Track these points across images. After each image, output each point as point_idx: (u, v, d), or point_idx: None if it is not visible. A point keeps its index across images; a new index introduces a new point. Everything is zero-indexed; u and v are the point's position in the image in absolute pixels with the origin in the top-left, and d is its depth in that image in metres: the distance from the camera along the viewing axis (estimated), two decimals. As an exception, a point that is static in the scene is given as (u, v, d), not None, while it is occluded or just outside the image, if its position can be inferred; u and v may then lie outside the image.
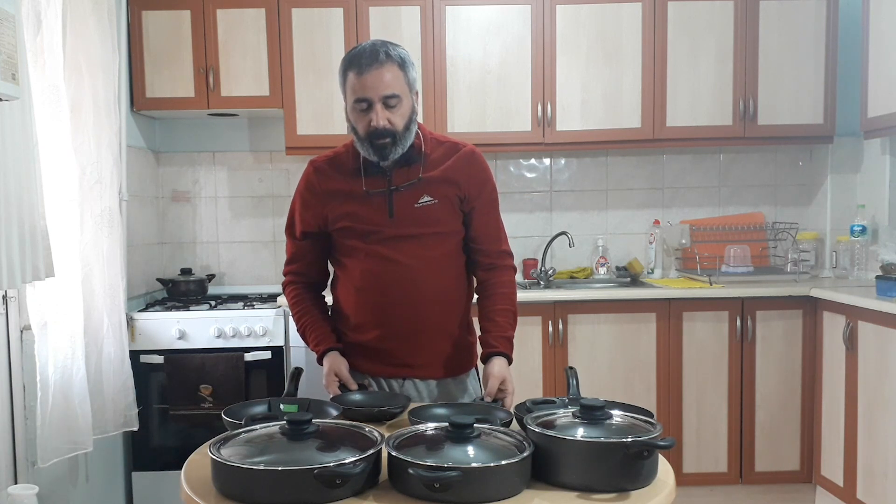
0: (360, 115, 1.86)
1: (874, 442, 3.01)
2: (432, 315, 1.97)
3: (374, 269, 1.95)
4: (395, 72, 1.84)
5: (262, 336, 3.31)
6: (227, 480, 1.29)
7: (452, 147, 2.00)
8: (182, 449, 2.75)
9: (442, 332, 2.01)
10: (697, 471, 3.43)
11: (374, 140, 1.85)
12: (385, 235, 1.93)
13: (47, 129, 2.52)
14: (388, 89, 1.83)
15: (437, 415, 1.68)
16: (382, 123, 1.83)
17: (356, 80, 1.84)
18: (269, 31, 3.52)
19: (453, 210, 1.97)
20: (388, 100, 1.83)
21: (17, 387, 2.54)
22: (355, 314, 2.01)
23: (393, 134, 1.85)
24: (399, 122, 1.86)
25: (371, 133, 1.85)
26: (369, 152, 1.88)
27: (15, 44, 1.98)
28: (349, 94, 1.87)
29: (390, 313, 1.96)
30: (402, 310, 1.95)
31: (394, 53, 1.86)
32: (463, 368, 2.07)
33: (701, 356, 3.40)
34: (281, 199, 3.95)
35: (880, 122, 3.32)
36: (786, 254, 3.83)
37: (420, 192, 1.93)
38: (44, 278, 2.35)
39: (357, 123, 1.88)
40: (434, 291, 1.97)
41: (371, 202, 1.94)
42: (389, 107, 1.84)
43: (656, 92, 3.59)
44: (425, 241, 1.94)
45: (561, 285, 3.76)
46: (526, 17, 3.56)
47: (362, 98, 1.84)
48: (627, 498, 1.31)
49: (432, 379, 2.03)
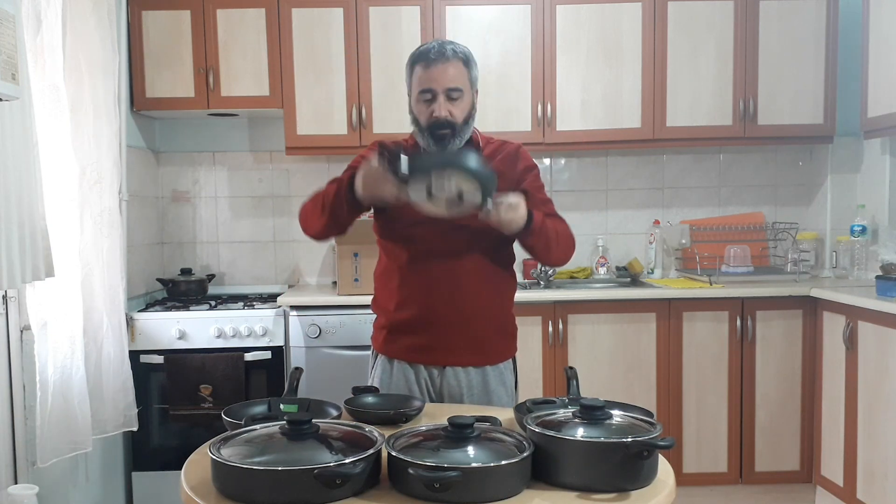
0: (423, 105, 1.96)
1: (874, 442, 3.01)
2: (479, 302, 2.02)
3: (420, 251, 2.01)
4: (459, 67, 1.96)
5: (262, 336, 3.31)
6: (227, 480, 1.29)
7: (502, 144, 2.11)
8: (182, 449, 2.75)
9: (487, 321, 2.06)
10: (697, 471, 3.43)
11: (434, 131, 1.95)
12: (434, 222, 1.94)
13: (47, 129, 2.52)
14: (451, 82, 1.94)
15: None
16: (444, 114, 1.94)
17: (423, 73, 1.95)
18: (269, 31, 3.52)
19: None
20: (451, 92, 1.94)
21: (17, 387, 2.54)
22: (399, 294, 2.05)
23: (453, 125, 1.95)
24: (459, 114, 1.96)
25: (433, 124, 1.95)
26: (429, 143, 1.97)
27: (15, 44, 1.99)
28: (415, 86, 1.98)
29: (434, 298, 2.01)
30: (444, 296, 2.00)
31: (459, 51, 1.98)
32: (502, 357, 2.11)
33: (701, 356, 3.40)
34: (281, 199, 3.95)
35: (880, 122, 3.32)
36: (786, 254, 3.83)
37: None
38: (44, 278, 2.36)
39: (420, 114, 1.98)
40: (481, 279, 2.02)
41: None
42: (452, 99, 1.95)
43: (656, 92, 3.59)
44: (473, 229, 1.97)
45: (561, 285, 3.76)
46: (526, 17, 3.56)
47: (427, 89, 1.95)
48: (627, 498, 1.31)
49: (472, 367, 2.05)
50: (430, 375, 2.06)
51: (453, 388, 2.04)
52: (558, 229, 2.06)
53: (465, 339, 2.03)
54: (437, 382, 2.06)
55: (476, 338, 2.05)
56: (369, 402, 1.85)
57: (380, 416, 1.73)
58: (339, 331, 3.28)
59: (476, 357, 2.05)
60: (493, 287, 2.07)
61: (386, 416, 1.74)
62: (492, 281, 2.06)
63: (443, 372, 2.05)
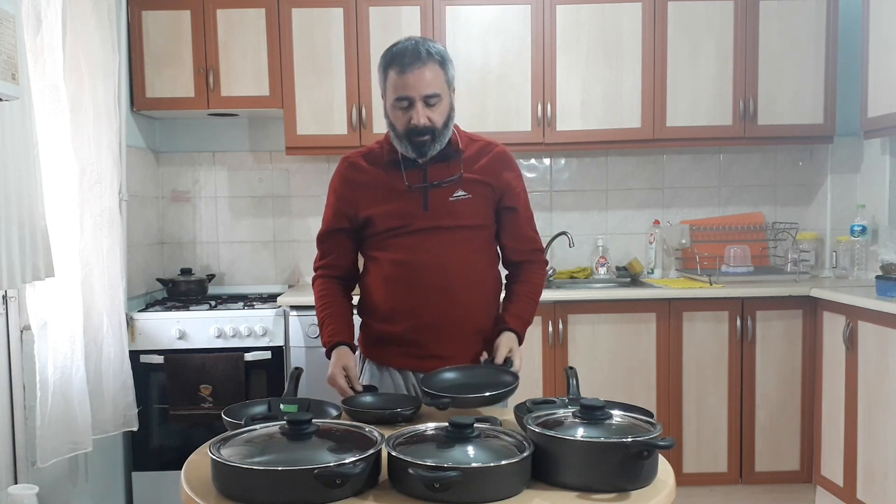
0: (400, 112, 1.89)
1: (874, 442, 3.01)
2: (462, 307, 1.99)
3: (405, 259, 1.97)
4: (435, 70, 1.87)
5: (262, 336, 3.31)
6: (227, 480, 1.29)
7: (486, 146, 2.04)
8: (182, 449, 2.75)
9: (471, 324, 2.02)
10: (697, 471, 3.43)
11: (413, 137, 1.89)
12: (418, 227, 1.95)
13: (47, 129, 2.52)
14: (429, 88, 1.86)
15: (447, 379, 1.78)
16: (423, 122, 1.87)
17: (398, 79, 1.87)
18: (269, 31, 3.52)
19: (487, 206, 2.00)
20: (428, 98, 1.87)
21: (17, 387, 2.54)
22: (385, 304, 2.02)
23: (432, 131, 1.89)
24: (438, 119, 1.90)
25: (411, 130, 1.88)
26: (407, 149, 1.92)
27: (15, 44, 1.98)
28: (390, 92, 1.90)
29: (420, 303, 1.97)
30: (431, 301, 1.97)
31: (434, 51, 1.89)
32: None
33: (701, 356, 3.40)
34: (281, 199, 3.95)
35: (880, 122, 3.32)
36: (786, 254, 3.83)
37: (456, 186, 1.96)
38: (44, 278, 2.35)
39: (396, 121, 1.91)
40: (464, 283, 1.98)
41: (406, 195, 1.96)
42: (430, 105, 1.87)
43: (656, 92, 3.59)
44: (457, 233, 1.96)
45: (561, 285, 3.76)
46: (526, 17, 3.56)
47: (404, 97, 1.87)
48: (627, 498, 1.31)
49: None
50: (417, 381, 2.02)
51: None
52: (535, 295, 2.11)
53: (450, 346, 2.00)
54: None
55: (463, 344, 2.02)
56: (366, 401, 1.85)
57: (376, 415, 1.73)
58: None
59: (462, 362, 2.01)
60: (478, 292, 2.03)
61: (382, 415, 1.74)
62: (476, 286, 2.02)
63: None
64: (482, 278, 2.04)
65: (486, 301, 2.06)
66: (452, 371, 1.82)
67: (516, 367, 1.90)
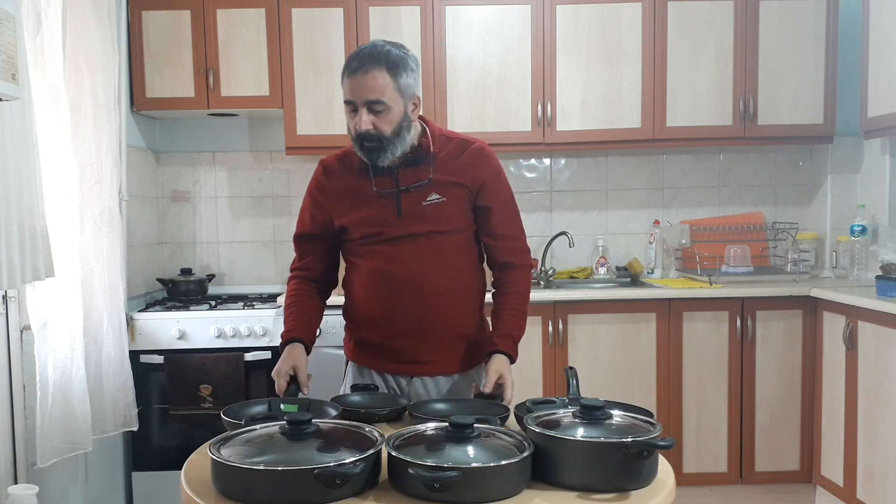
0: (349, 116, 1.87)
1: (874, 442, 3.01)
2: (441, 313, 1.96)
3: (381, 267, 1.95)
4: (384, 77, 1.80)
5: (262, 336, 3.31)
6: (227, 480, 1.29)
7: (462, 144, 1.98)
8: (182, 449, 2.74)
9: (451, 330, 1.99)
10: (697, 471, 3.43)
11: (362, 143, 1.85)
12: (393, 234, 1.93)
13: (47, 129, 2.52)
14: (371, 94, 1.80)
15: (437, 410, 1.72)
16: (365, 128, 1.82)
17: (346, 82, 1.84)
18: (269, 31, 3.52)
19: (462, 207, 1.96)
20: (372, 105, 1.81)
21: (17, 387, 2.54)
22: (362, 311, 2.01)
23: (379, 138, 1.84)
24: (386, 127, 1.83)
25: (359, 135, 1.85)
26: (360, 153, 1.89)
27: (15, 44, 1.98)
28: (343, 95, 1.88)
29: (398, 311, 1.95)
30: (409, 308, 1.94)
31: (390, 57, 1.82)
32: (473, 364, 2.05)
33: (701, 356, 3.40)
34: (281, 199, 3.95)
35: (880, 122, 3.32)
36: (786, 254, 3.83)
37: (428, 190, 1.93)
38: (44, 278, 2.35)
39: (348, 125, 1.89)
40: (442, 289, 1.95)
41: (379, 201, 1.94)
42: (375, 112, 1.82)
43: (656, 92, 3.59)
44: (434, 238, 1.94)
45: (561, 285, 3.76)
46: (526, 17, 3.56)
47: (349, 100, 1.85)
48: (627, 498, 1.31)
49: (441, 375, 2.02)
50: (397, 384, 2.03)
51: (422, 396, 1.99)
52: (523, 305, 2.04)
53: (431, 352, 1.98)
54: (406, 391, 2.02)
55: (442, 349, 1.99)
56: (356, 400, 1.86)
57: (362, 415, 1.72)
58: (339, 331, 3.22)
59: (444, 367, 2.01)
60: (458, 298, 1.99)
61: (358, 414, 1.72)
62: (455, 291, 1.98)
63: (410, 381, 2.02)
64: (462, 283, 2.00)
65: (468, 304, 2.03)
66: (442, 403, 1.80)
67: (507, 398, 1.85)
